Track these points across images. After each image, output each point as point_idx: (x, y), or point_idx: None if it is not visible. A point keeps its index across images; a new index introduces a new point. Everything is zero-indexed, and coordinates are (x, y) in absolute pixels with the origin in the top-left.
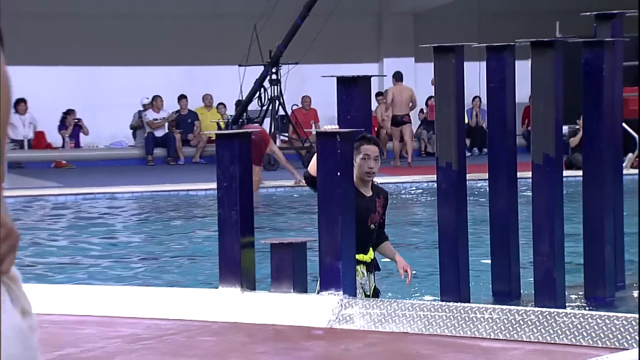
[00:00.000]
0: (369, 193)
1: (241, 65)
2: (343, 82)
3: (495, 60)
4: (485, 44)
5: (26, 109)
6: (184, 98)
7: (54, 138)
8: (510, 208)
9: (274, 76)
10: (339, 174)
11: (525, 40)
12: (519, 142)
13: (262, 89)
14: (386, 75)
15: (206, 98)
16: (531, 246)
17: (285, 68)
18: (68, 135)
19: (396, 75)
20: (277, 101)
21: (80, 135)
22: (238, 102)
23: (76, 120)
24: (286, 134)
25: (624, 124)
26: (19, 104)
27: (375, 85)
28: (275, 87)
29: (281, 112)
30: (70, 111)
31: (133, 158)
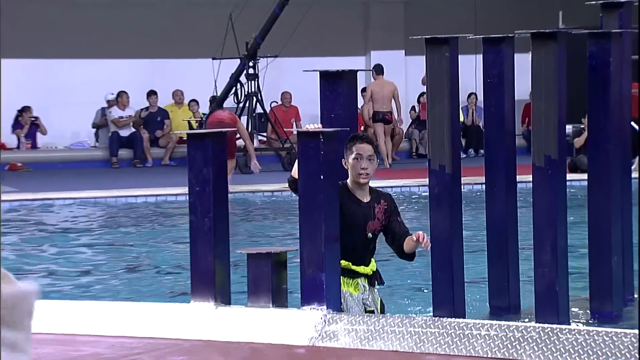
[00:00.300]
0: (366, 198)
1: (215, 59)
2: (327, 77)
3: (492, 53)
4: (482, 36)
5: None
6: (154, 94)
7: (7, 138)
8: (508, 214)
9: (251, 70)
10: (322, 177)
11: (525, 31)
12: (519, 143)
13: (239, 85)
14: (373, 70)
15: (176, 94)
16: (532, 256)
17: (264, 62)
18: (24, 135)
19: (377, 69)
20: (255, 98)
21: (38, 135)
22: (212, 99)
23: (33, 119)
24: (264, 134)
25: (633, 123)
26: None
27: (362, 81)
28: (253, 83)
29: (259, 110)
30: (25, 108)
31: (96, 160)
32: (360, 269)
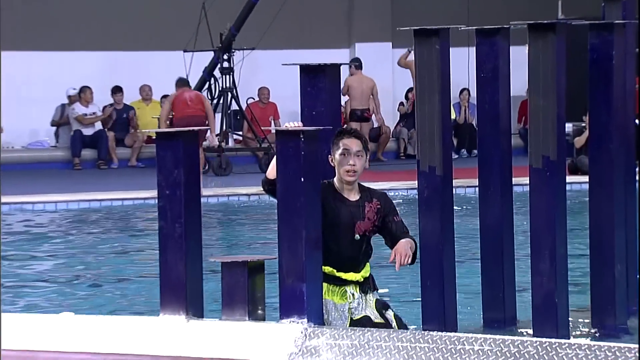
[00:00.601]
0: (354, 197)
1: (187, 51)
2: (307, 71)
3: (486, 45)
4: (475, 27)
5: None
6: (119, 91)
7: None
8: (504, 220)
9: (226, 64)
10: (302, 179)
11: (521, 22)
12: (515, 143)
13: (212, 79)
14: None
15: (143, 90)
16: (529, 265)
17: (240, 54)
18: None
19: (356, 63)
20: (230, 93)
21: None
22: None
23: None
24: (240, 133)
25: (638, 121)
26: None
27: (346, 75)
28: (228, 77)
29: (234, 107)
30: None
31: (56, 161)
32: (349, 275)
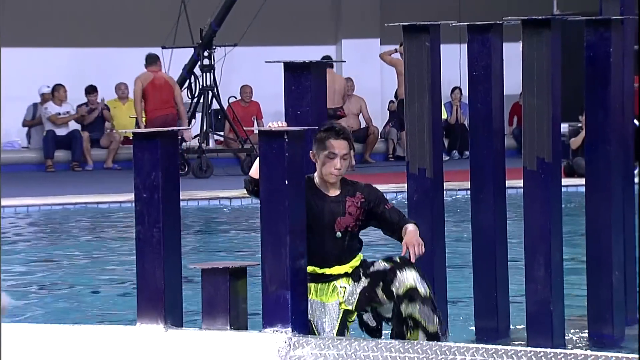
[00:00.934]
0: (334, 192)
1: (165, 48)
2: (292, 69)
3: (478, 42)
4: (467, 23)
5: None
6: (94, 91)
7: None
8: (497, 224)
9: (207, 61)
10: (286, 182)
11: (515, 18)
12: (508, 144)
13: (192, 77)
14: (345, 61)
15: (119, 88)
16: (523, 272)
17: (221, 51)
18: None
19: (327, 61)
20: (211, 92)
21: None
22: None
23: None
24: (221, 133)
25: (636, 121)
26: None
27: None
28: (208, 75)
29: (215, 106)
30: None
31: (28, 162)
32: (335, 270)
